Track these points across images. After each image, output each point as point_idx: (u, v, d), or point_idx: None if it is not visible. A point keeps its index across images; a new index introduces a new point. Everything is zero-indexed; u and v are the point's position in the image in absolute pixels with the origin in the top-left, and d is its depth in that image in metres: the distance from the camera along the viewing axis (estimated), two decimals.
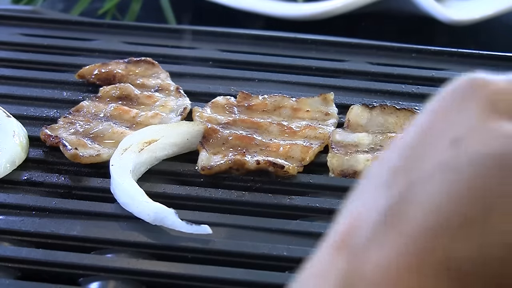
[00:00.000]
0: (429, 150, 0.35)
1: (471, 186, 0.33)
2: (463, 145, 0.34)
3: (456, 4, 1.19)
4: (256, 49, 0.98)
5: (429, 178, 0.34)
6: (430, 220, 0.33)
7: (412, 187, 0.34)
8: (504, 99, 0.35)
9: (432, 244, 0.33)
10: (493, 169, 0.33)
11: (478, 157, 0.33)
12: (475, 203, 0.33)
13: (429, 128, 0.36)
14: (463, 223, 0.33)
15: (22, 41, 0.98)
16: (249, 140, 0.78)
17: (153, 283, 0.65)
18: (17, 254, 0.66)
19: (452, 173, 0.33)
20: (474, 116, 0.34)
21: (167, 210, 0.68)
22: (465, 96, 0.35)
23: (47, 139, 0.78)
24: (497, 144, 0.33)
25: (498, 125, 0.34)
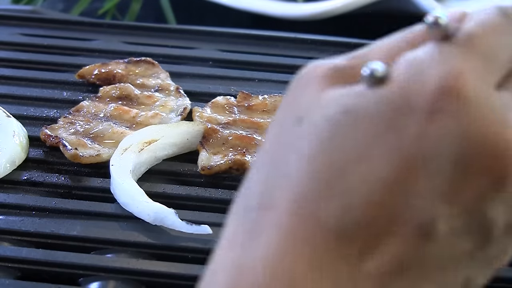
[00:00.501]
0: (282, 137, 0.38)
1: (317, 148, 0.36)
2: (304, 120, 0.37)
3: (456, 4, 1.19)
4: (256, 49, 0.98)
5: (285, 158, 0.37)
6: (294, 190, 0.36)
7: (274, 169, 0.37)
8: (334, 72, 0.39)
9: (302, 212, 0.35)
10: (330, 128, 0.36)
11: (316, 122, 0.37)
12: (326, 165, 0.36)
13: (279, 121, 0.39)
14: (321, 187, 0.35)
15: (22, 41, 0.98)
16: (249, 140, 0.78)
17: (153, 283, 0.65)
18: (17, 254, 0.66)
19: (301, 143, 0.37)
20: (309, 95, 0.38)
21: (167, 210, 0.68)
22: (303, 82, 0.39)
23: (47, 139, 0.78)
24: (330, 107, 0.37)
25: (328, 92, 0.37)
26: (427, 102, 0.35)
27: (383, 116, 0.36)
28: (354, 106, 0.36)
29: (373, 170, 0.35)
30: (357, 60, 0.39)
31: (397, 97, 0.36)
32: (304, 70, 0.40)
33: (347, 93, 0.37)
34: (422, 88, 0.36)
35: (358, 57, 0.39)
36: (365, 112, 0.36)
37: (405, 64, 0.37)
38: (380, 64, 0.37)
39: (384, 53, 0.39)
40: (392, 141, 0.35)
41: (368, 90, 0.36)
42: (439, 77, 0.35)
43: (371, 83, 0.37)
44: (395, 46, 0.39)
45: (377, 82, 0.36)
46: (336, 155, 0.36)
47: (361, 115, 0.36)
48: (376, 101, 0.36)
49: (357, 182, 0.35)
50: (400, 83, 0.36)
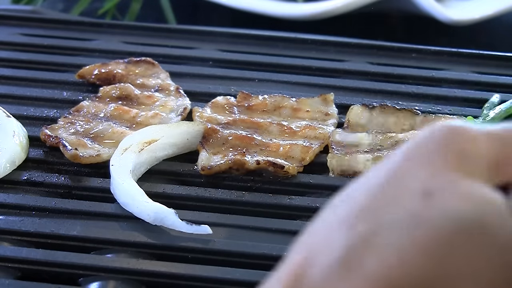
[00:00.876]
0: (399, 196, 0.34)
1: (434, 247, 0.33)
2: (431, 199, 0.34)
3: (456, 4, 1.19)
4: (256, 49, 0.98)
5: (395, 226, 0.34)
6: (385, 272, 0.33)
7: (375, 232, 0.34)
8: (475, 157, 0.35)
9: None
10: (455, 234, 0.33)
11: (444, 214, 0.33)
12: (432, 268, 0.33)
13: (400, 173, 0.35)
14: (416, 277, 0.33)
15: (22, 41, 0.98)
16: (249, 140, 0.78)
17: (153, 283, 0.65)
18: (17, 254, 0.66)
19: (420, 227, 0.33)
20: (444, 171, 0.34)
21: (167, 210, 0.68)
22: (439, 146, 0.35)
23: (47, 139, 0.78)
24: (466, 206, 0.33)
25: (468, 183, 0.34)
26: None
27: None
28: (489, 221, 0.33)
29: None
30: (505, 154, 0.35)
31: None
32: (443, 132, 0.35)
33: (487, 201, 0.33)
34: None
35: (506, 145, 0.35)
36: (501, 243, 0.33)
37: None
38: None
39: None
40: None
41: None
42: None
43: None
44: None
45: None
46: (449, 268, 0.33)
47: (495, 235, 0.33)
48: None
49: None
50: None
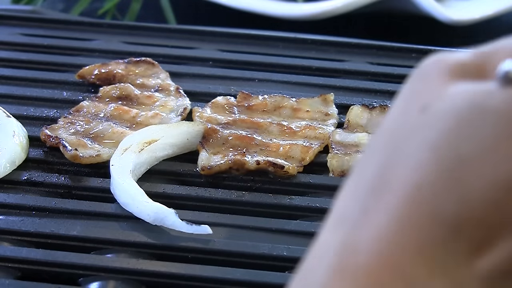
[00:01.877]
0: (403, 123, 0.38)
1: (442, 139, 0.36)
2: (429, 109, 0.37)
3: (456, 4, 1.18)
4: (256, 49, 0.98)
5: (405, 141, 0.37)
6: (412, 177, 0.36)
7: (393, 154, 0.37)
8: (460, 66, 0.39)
9: (417, 201, 0.35)
10: (457, 122, 0.36)
11: (443, 113, 0.36)
12: (450, 156, 0.36)
13: (400, 108, 0.39)
14: (442, 177, 0.35)
15: (22, 41, 0.98)
16: (249, 140, 0.78)
17: (153, 283, 0.65)
18: (17, 254, 0.66)
19: (425, 132, 0.36)
20: (434, 86, 0.38)
21: (167, 210, 0.68)
22: (427, 73, 0.39)
23: (47, 139, 0.78)
24: (457, 100, 0.36)
25: (455, 86, 0.37)
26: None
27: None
28: (484, 103, 0.36)
29: (497, 169, 0.35)
30: (483, 58, 0.39)
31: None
32: (428, 61, 0.40)
33: (477, 89, 0.37)
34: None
35: (485, 54, 0.39)
36: (495, 110, 0.36)
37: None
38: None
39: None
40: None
41: (500, 89, 0.36)
42: None
43: (504, 82, 0.36)
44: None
45: (509, 83, 0.36)
46: (460, 148, 0.35)
47: (491, 113, 0.36)
48: (508, 101, 0.36)
49: (479, 178, 0.35)
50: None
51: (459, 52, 0.40)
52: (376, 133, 0.39)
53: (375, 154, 0.38)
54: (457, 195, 0.35)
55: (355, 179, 0.39)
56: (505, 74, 0.36)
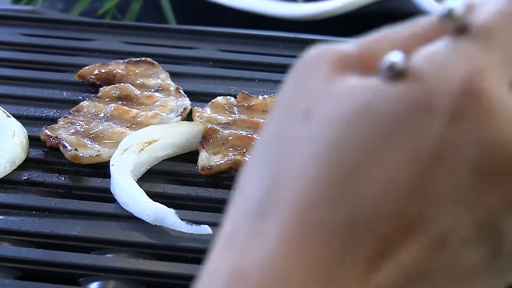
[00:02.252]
0: (286, 134, 0.35)
1: (326, 151, 0.33)
2: (313, 116, 0.34)
3: None
4: (256, 49, 0.98)
5: (290, 158, 0.34)
6: (298, 194, 0.33)
7: (279, 172, 0.34)
8: (344, 59, 0.36)
9: (307, 217, 0.33)
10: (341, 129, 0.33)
11: (326, 121, 0.34)
12: (337, 168, 0.33)
13: (282, 114, 0.36)
14: (331, 191, 0.33)
15: (22, 41, 0.98)
16: (249, 140, 0.78)
17: (153, 283, 0.65)
18: (17, 254, 0.66)
19: (309, 145, 0.34)
20: (316, 84, 0.35)
21: (167, 210, 0.68)
22: (308, 68, 0.36)
23: (47, 139, 0.78)
24: (340, 102, 0.34)
25: (340, 84, 0.34)
26: (450, 104, 0.33)
27: (400, 116, 0.33)
28: (369, 103, 0.33)
29: (387, 174, 0.33)
30: (368, 49, 0.36)
31: (417, 96, 0.33)
32: (309, 54, 0.37)
33: (361, 87, 0.34)
34: (444, 87, 0.33)
35: (369, 45, 0.36)
36: (381, 110, 0.33)
37: (424, 59, 0.34)
38: (400, 56, 0.34)
39: (397, 45, 0.36)
40: (409, 144, 0.33)
41: (385, 85, 0.34)
42: (462, 77, 0.33)
43: (389, 76, 0.34)
44: (407, 37, 0.36)
45: (395, 76, 0.34)
46: (347, 158, 0.33)
47: (377, 113, 0.33)
48: (394, 99, 0.33)
49: (369, 187, 0.33)
50: (420, 80, 0.33)
51: (343, 43, 0.37)
52: (259, 141, 0.36)
53: (260, 169, 0.35)
54: (348, 208, 0.33)
55: (242, 195, 0.36)
56: (390, 67, 0.34)
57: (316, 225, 0.33)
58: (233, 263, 0.34)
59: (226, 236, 0.36)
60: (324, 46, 0.37)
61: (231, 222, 0.36)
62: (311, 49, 0.37)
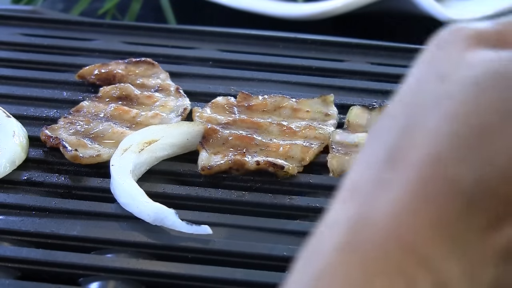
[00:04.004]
0: (422, 92, 0.37)
1: (462, 109, 0.35)
2: (448, 78, 0.36)
3: (456, 4, 1.18)
4: (256, 49, 0.98)
5: (424, 111, 0.36)
6: (430, 148, 0.34)
7: (410, 124, 0.36)
8: (480, 35, 0.38)
9: (436, 172, 0.34)
10: (478, 91, 0.35)
11: (463, 82, 0.35)
12: (470, 126, 0.34)
13: (419, 76, 0.38)
14: (461, 148, 0.34)
15: (22, 41, 0.98)
16: (249, 140, 0.78)
17: (153, 283, 0.65)
18: (17, 254, 0.66)
19: (445, 102, 0.35)
20: (454, 54, 0.37)
21: (167, 210, 0.68)
22: (446, 41, 0.38)
23: (47, 140, 0.78)
24: (477, 68, 0.35)
25: (475, 54, 0.36)
26: None
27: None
28: (504, 71, 0.35)
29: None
30: (503, 27, 0.38)
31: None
32: (446, 31, 0.39)
33: (496, 57, 0.36)
34: None
35: (505, 24, 0.38)
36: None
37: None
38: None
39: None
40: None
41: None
42: None
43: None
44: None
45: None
46: (480, 119, 0.34)
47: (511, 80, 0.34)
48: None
49: (499, 150, 0.34)
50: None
51: (479, 23, 0.39)
52: (393, 101, 0.38)
53: (392, 124, 0.37)
54: (476, 168, 0.34)
55: (370, 148, 0.37)
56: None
57: (444, 180, 0.34)
58: (357, 210, 0.35)
59: (350, 186, 0.36)
60: (460, 24, 0.39)
61: (356, 172, 0.37)
62: (448, 27, 0.39)
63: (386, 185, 0.35)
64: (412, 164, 0.34)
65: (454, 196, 0.34)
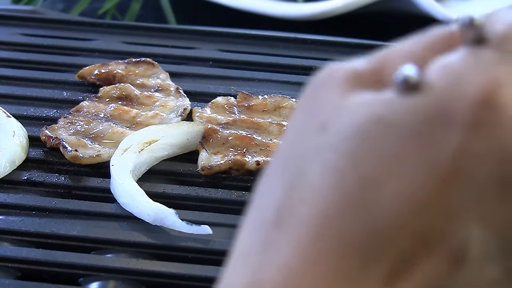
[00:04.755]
0: (302, 145, 0.35)
1: (343, 161, 0.33)
2: (328, 128, 0.34)
3: (456, 4, 1.18)
4: (256, 49, 0.98)
5: (307, 168, 0.34)
6: (316, 204, 0.33)
7: (294, 183, 0.34)
8: (356, 75, 0.36)
9: (325, 229, 0.33)
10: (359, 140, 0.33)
11: (343, 131, 0.34)
12: (353, 179, 0.33)
13: (297, 127, 0.36)
14: (348, 202, 0.33)
15: (22, 41, 0.98)
16: (249, 140, 0.78)
17: (153, 283, 0.65)
18: (17, 254, 0.66)
19: (326, 154, 0.34)
20: (332, 99, 0.35)
21: (167, 211, 0.68)
22: (322, 85, 0.36)
23: (47, 140, 0.78)
24: (357, 114, 0.34)
25: (354, 98, 0.35)
26: (468, 114, 0.32)
27: (417, 128, 0.33)
28: (384, 115, 0.33)
29: (405, 187, 0.32)
30: (380, 64, 0.36)
31: (433, 107, 0.33)
32: (322, 72, 0.37)
33: (375, 100, 0.34)
34: (461, 98, 0.32)
35: (381, 60, 0.36)
36: (398, 122, 0.33)
37: (439, 70, 0.34)
38: (413, 69, 0.34)
39: (409, 57, 0.36)
40: (427, 156, 0.32)
41: (400, 98, 0.33)
42: (479, 86, 0.32)
43: (403, 90, 0.33)
44: (420, 50, 0.36)
45: (410, 89, 0.33)
46: (364, 170, 0.33)
47: (393, 125, 0.33)
48: (410, 111, 0.33)
49: (387, 200, 0.32)
50: (436, 92, 0.33)
51: (354, 60, 0.37)
52: (275, 156, 0.36)
53: (276, 181, 0.35)
54: (366, 221, 0.32)
55: (256, 208, 0.36)
56: (404, 80, 0.33)
57: (332, 237, 0.33)
58: (248, 277, 0.34)
59: (240, 251, 0.35)
60: (335, 64, 0.37)
61: (245, 235, 0.36)
62: (323, 68, 0.37)
63: (275, 246, 0.34)
64: (300, 222, 0.33)
65: (343, 253, 0.32)
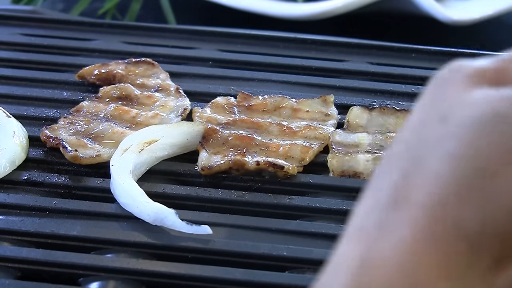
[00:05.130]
0: (424, 133, 0.37)
1: (464, 150, 0.35)
2: (450, 118, 0.36)
3: (456, 4, 1.18)
4: (256, 49, 0.98)
5: (427, 152, 0.36)
6: (434, 189, 0.35)
7: (413, 165, 0.36)
8: (481, 72, 0.38)
9: (441, 214, 0.34)
10: (480, 131, 0.35)
11: (464, 122, 0.36)
12: (473, 167, 0.35)
13: (420, 117, 0.38)
14: (465, 190, 0.34)
15: (22, 41, 0.98)
16: (249, 140, 0.78)
17: (153, 283, 0.65)
18: (17, 254, 0.66)
19: (447, 143, 0.36)
20: (454, 93, 0.37)
21: (167, 211, 0.68)
22: (446, 80, 0.38)
23: (47, 140, 0.78)
24: (478, 107, 0.36)
25: (475, 93, 0.37)
26: None
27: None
28: (504, 109, 0.35)
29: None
30: (505, 63, 0.38)
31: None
32: (447, 68, 0.39)
33: (497, 95, 0.36)
34: None
35: (504, 60, 0.38)
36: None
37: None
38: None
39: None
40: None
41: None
42: None
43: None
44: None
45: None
46: (482, 160, 0.34)
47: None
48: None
49: (502, 190, 0.34)
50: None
51: (479, 59, 0.39)
52: (395, 142, 0.38)
53: (395, 165, 0.37)
54: (479, 209, 0.34)
55: (374, 189, 0.38)
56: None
57: (446, 222, 0.34)
58: (362, 252, 0.35)
59: (355, 227, 0.37)
60: (460, 61, 0.39)
61: (360, 213, 0.37)
62: (448, 64, 0.39)
63: (391, 227, 0.35)
64: (416, 206, 0.35)
65: (458, 237, 0.34)
